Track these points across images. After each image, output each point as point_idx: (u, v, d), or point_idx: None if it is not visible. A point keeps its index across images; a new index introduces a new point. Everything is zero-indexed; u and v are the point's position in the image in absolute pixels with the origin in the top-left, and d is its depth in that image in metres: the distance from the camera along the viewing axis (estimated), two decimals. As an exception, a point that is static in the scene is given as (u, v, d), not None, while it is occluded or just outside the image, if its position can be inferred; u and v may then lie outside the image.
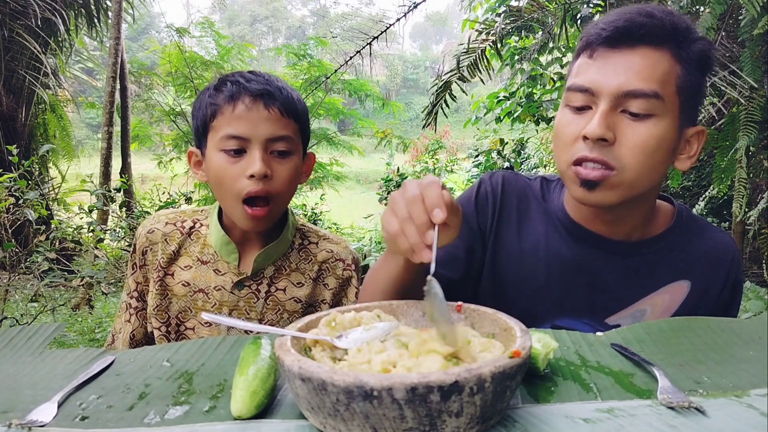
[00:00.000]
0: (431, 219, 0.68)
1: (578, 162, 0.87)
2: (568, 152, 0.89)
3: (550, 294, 1.01)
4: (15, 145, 3.81)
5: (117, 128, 7.26)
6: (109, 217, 5.09)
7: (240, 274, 1.12)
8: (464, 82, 4.16)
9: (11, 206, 3.48)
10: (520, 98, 5.83)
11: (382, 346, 0.61)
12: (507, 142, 8.13)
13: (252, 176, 0.99)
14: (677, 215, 1.02)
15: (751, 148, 3.22)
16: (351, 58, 5.02)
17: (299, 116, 1.07)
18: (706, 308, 0.97)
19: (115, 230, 4.53)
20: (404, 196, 0.71)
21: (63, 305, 4.78)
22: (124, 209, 4.86)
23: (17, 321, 3.76)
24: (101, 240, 4.56)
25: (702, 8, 3.03)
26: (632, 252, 0.99)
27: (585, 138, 0.86)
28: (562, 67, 5.03)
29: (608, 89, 0.84)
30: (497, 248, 1.04)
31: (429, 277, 0.63)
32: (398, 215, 0.70)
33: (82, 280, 4.35)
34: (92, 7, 7.74)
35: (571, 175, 0.89)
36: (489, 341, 0.62)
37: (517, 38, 4.78)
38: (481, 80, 4.20)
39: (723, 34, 2.86)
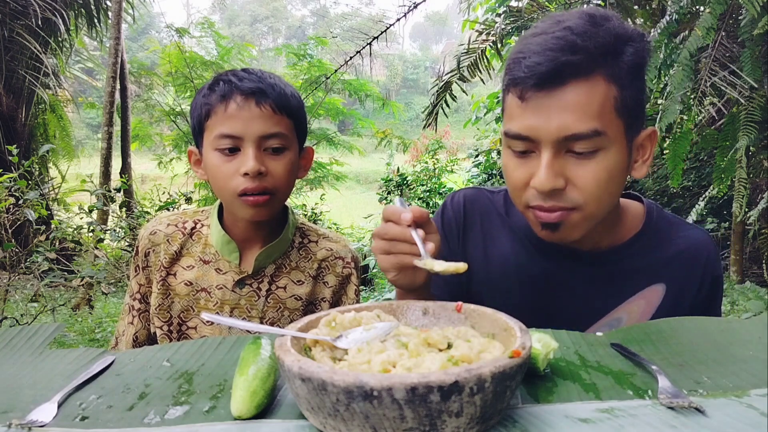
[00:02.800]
0: (403, 223, 0.78)
1: (535, 208, 0.85)
2: (522, 197, 0.86)
3: (524, 310, 0.98)
4: (15, 145, 3.82)
5: (117, 128, 7.27)
6: (109, 217, 5.10)
7: (241, 273, 1.12)
8: (464, 82, 4.17)
9: (11, 206, 3.48)
10: (520, 98, 5.81)
11: (382, 346, 0.61)
12: (507, 142, 8.10)
13: (246, 174, 1.00)
14: (647, 217, 0.99)
15: (751, 148, 3.22)
16: (351, 58, 5.03)
17: (293, 112, 1.07)
18: (685, 308, 0.95)
19: (115, 230, 4.53)
20: (378, 234, 0.82)
21: (63, 305, 4.78)
22: (124, 209, 4.86)
23: (17, 321, 3.77)
24: (101, 240, 4.56)
25: (702, 8, 3.03)
26: (602, 261, 0.96)
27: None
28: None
29: (547, 137, 0.80)
30: (467, 270, 1.04)
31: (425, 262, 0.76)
32: (384, 246, 0.81)
33: (82, 280, 4.36)
34: (92, 7, 7.75)
35: (531, 217, 0.87)
36: (489, 341, 0.62)
37: (517, 38, 4.78)
38: (482, 80, 4.21)
39: (723, 34, 2.86)
